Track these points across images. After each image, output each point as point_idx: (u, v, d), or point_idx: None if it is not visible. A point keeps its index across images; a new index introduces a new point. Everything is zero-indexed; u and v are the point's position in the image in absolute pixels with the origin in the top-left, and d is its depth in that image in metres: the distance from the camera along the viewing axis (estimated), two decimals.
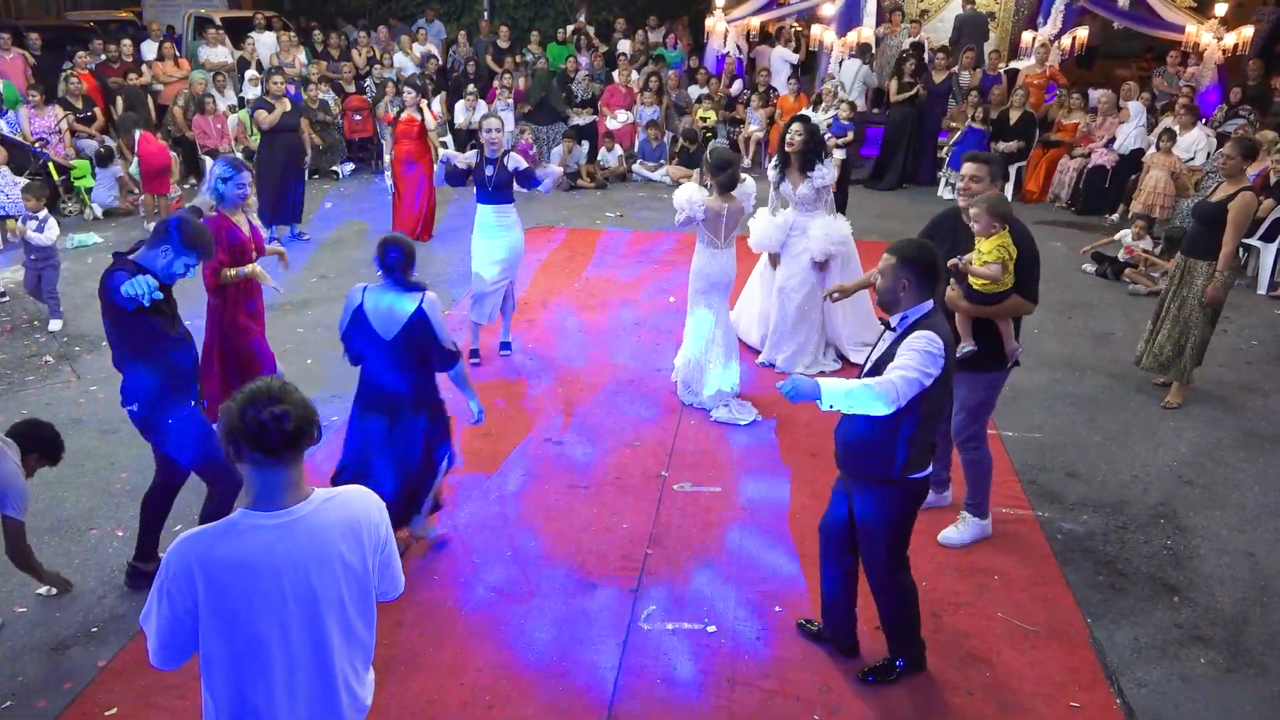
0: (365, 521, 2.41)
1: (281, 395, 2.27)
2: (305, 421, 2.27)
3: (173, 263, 4.24)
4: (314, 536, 2.31)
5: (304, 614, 2.31)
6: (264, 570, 2.27)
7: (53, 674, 4.03)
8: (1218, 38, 12.78)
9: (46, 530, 5.00)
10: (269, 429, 2.21)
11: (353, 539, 2.37)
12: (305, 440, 2.29)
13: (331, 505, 2.37)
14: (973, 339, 4.66)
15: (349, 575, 2.36)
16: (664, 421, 6.27)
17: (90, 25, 15.91)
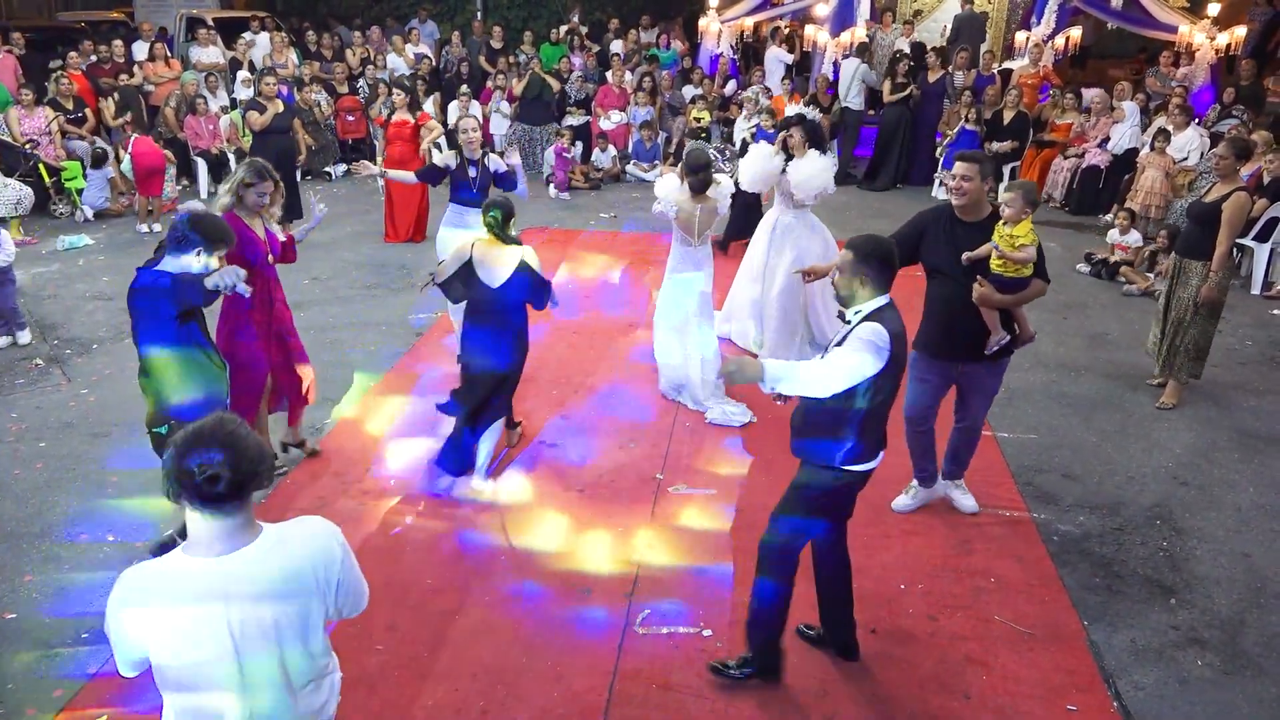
0: (312, 561, 2.32)
1: (227, 442, 2.12)
2: (245, 475, 2.14)
3: (207, 261, 4.16)
4: (251, 581, 2.21)
5: (243, 648, 2.24)
6: (199, 611, 2.19)
7: (42, 681, 3.99)
8: (1210, 37, 12.79)
9: (36, 534, 4.96)
10: (200, 483, 2.10)
11: (295, 580, 2.28)
12: (246, 492, 2.18)
13: (275, 548, 2.26)
14: (1001, 329, 4.78)
15: (288, 614, 2.28)
16: (659, 423, 6.25)
17: (81, 26, 15.83)
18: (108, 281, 8.75)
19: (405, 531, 5.02)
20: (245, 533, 2.23)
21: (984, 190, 4.75)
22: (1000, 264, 4.67)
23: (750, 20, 15.43)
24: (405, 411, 6.36)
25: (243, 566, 2.21)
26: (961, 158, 4.78)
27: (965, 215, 4.77)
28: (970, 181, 4.69)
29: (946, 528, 5.12)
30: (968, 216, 4.77)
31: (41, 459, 5.72)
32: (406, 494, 5.35)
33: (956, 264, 4.74)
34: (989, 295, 4.68)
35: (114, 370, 6.89)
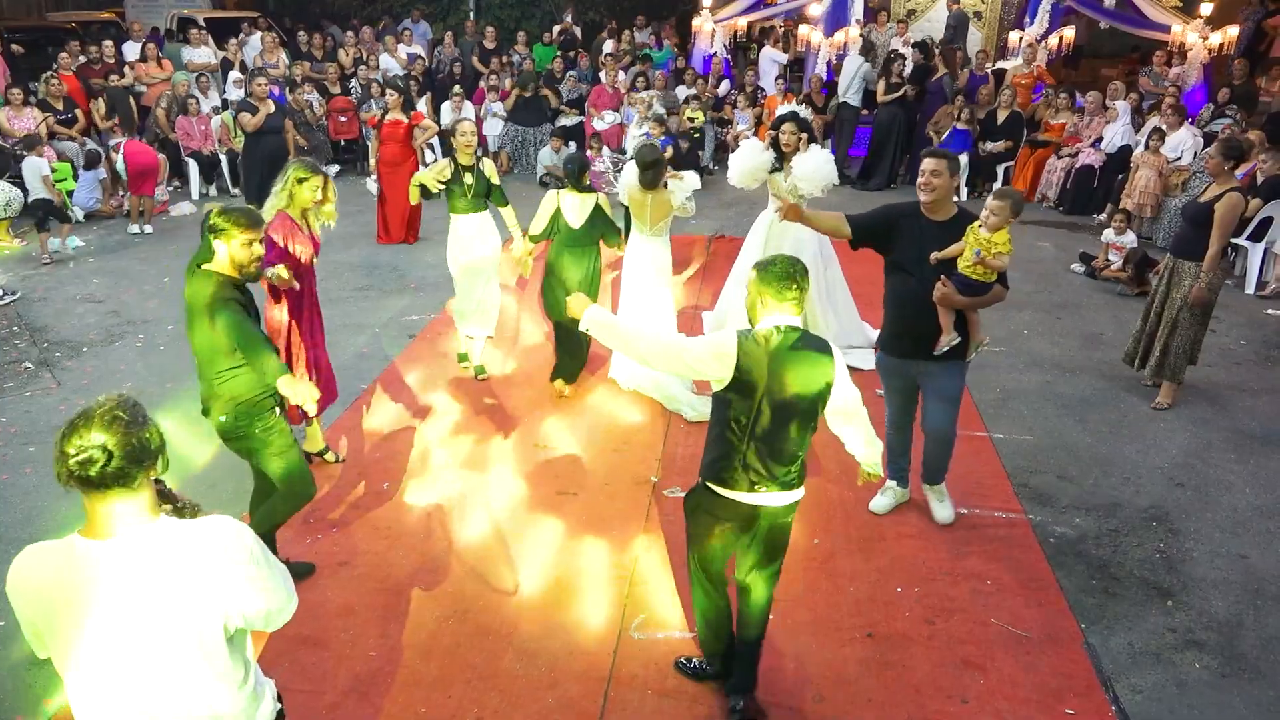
0: (206, 559, 2.16)
1: (105, 427, 2.06)
2: (125, 462, 2.07)
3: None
4: (133, 567, 2.11)
5: (133, 640, 2.14)
6: (85, 594, 2.11)
7: (31, 689, 3.95)
8: (1203, 37, 12.81)
9: (25, 540, 4.87)
10: (74, 467, 2.05)
11: (188, 573, 2.14)
12: (128, 480, 2.09)
13: (166, 539, 2.15)
14: (954, 330, 4.74)
15: (180, 609, 2.14)
16: (653, 425, 6.22)
17: (72, 26, 15.76)
18: (98, 284, 8.70)
19: (397, 536, 4.98)
20: (135, 520, 2.14)
21: (952, 188, 4.74)
22: (970, 267, 4.61)
23: (744, 20, 15.41)
24: (397, 414, 6.32)
25: (126, 552, 2.11)
26: (930, 154, 4.74)
27: (932, 213, 4.71)
28: (939, 178, 4.64)
29: (942, 531, 5.10)
30: (934, 214, 4.72)
31: (30, 463, 5.67)
32: (398, 497, 5.31)
33: (920, 261, 4.69)
34: (950, 295, 4.63)
35: (104, 374, 6.84)
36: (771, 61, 14.49)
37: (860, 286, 8.01)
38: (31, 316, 7.94)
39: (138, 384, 6.71)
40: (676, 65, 14.80)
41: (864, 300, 8.15)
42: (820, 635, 4.31)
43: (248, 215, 3.96)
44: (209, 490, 5.37)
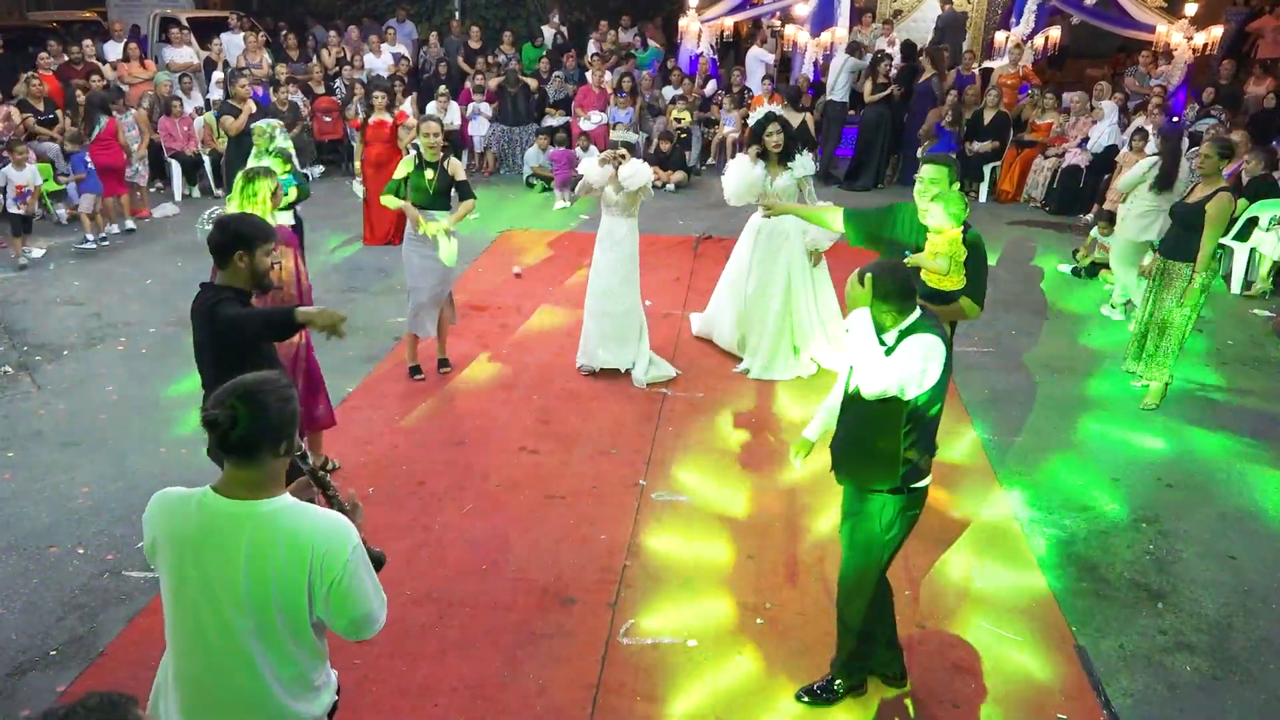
0: (317, 545, 2.25)
1: (248, 399, 2.20)
2: (252, 433, 2.21)
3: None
4: (259, 534, 2.23)
5: (234, 604, 2.25)
6: (206, 548, 2.25)
7: (9, 700, 3.88)
8: (1188, 37, 12.85)
9: (3, 548, 4.84)
10: (212, 427, 2.19)
11: (295, 553, 2.23)
12: (258, 451, 2.23)
13: (290, 516, 2.26)
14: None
15: (281, 585, 2.24)
16: (641, 428, 6.18)
17: (53, 26, 15.60)
18: (79, 286, 8.60)
19: (381, 542, 4.91)
20: (262, 491, 2.26)
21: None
22: (928, 273, 4.57)
23: (730, 20, 15.38)
24: (382, 417, 6.26)
25: (248, 515, 2.24)
26: (929, 160, 4.71)
27: (924, 218, 4.69)
28: (936, 185, 4.58)
29: (933, 534, 5.07)
30: (924, 219, 4.70)
31: (9, 469, 5.59)
32: (382, 503, 5.25)
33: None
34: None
35: (85, 378, 6.75)
36: (758, 61, 14.46)
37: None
38: (10, 319, 7.84)
39: (119, 388, 6.62)
40: (665, 65, 14.75)
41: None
42: (811, 639, 4.27)
43: (263, 223, 3.84)
44: None
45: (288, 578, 2.24)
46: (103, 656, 4.10)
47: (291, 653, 2.33)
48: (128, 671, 4.00)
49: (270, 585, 2.24)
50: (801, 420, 6.24)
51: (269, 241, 3.71)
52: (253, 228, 3.71)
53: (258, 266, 3.67)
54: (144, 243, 10.02)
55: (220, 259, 3.68)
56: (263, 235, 3.70)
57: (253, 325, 3.69)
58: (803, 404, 6.41)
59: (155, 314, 7.95)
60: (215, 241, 3.67)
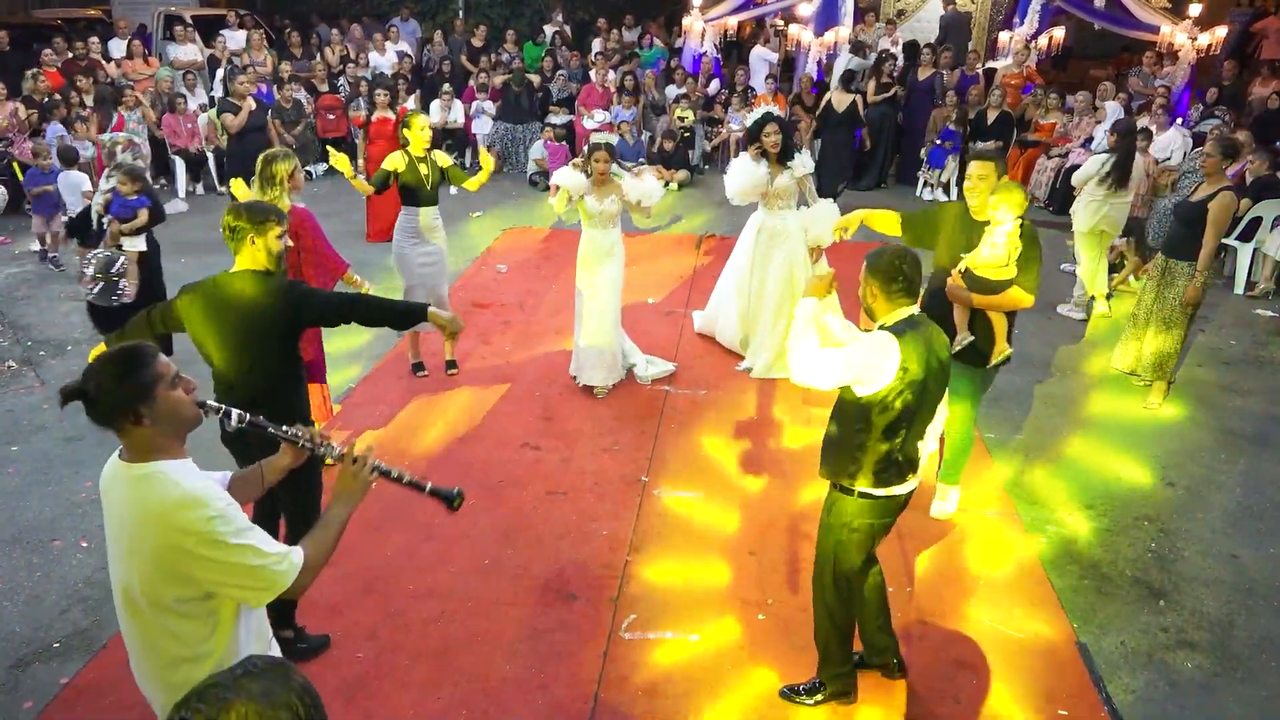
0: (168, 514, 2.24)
1: (93, 369, 2.27)
2: (100, 405, 2.25)
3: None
4: (125, 496, 2.29)
5: (115, 558, 2.35)
6: (108, 502, 2.36)
7: (13, 693, 3.89)
8: (1192, 38, 12.84)
9: (7, 541, 4.86)
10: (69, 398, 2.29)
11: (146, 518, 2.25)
12: (104, 422, 2.27)
13: (150, 482, 2.26)
14: (968, 331, 4.81)
15: (133, 548, 2.28)
16: (643, 425, 6.18)
17: (58, 23, 15.62)
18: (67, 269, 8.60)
19: (383, 537, 4.93)
20: (138, 455, 2.29)
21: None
22: (979, 264, 4.67)
23: (733, 19, 15.38)
24: (384, 412, 6.27)
25: (123, 478, 2.30)
26: (976, 156, 4.89)
27: (979, 214, 4.81)
28: (985, 181, 4.75)
29: (935, 531, 5.08)
30: (981, 215, 4.79)
31: (13, 463, 5.61)
32: (384, 500, 5.26)
33: (953, 259, 4.82)
34: (956, 289, 4.73)
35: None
36: (761, 61, 14.45)
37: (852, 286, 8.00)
38: (15, 314, 7.85)
39: None
40: (668, 65, 14.74)
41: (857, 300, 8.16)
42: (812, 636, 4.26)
43: (272, 208, 3.87)
44: None
45: (138, 540, 2.26)
46: (105, 649, 4.11)
47: (150, 617, 2.33)
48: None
49: (126, 546, 2.29)
50: (802, 419, 6.25)
51: (280, 224, 3.78)
52: (261, 212, 3.77)
53: (270, 249, 3.72)
54: None
55: (235, 245, 3.74)
56: (274, 218, 3.78)
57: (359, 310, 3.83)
58: (804, 403, 6.41)
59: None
60: (229, 228, 3.75)
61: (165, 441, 2.31)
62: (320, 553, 2.45)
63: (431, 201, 6.52)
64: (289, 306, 3.68)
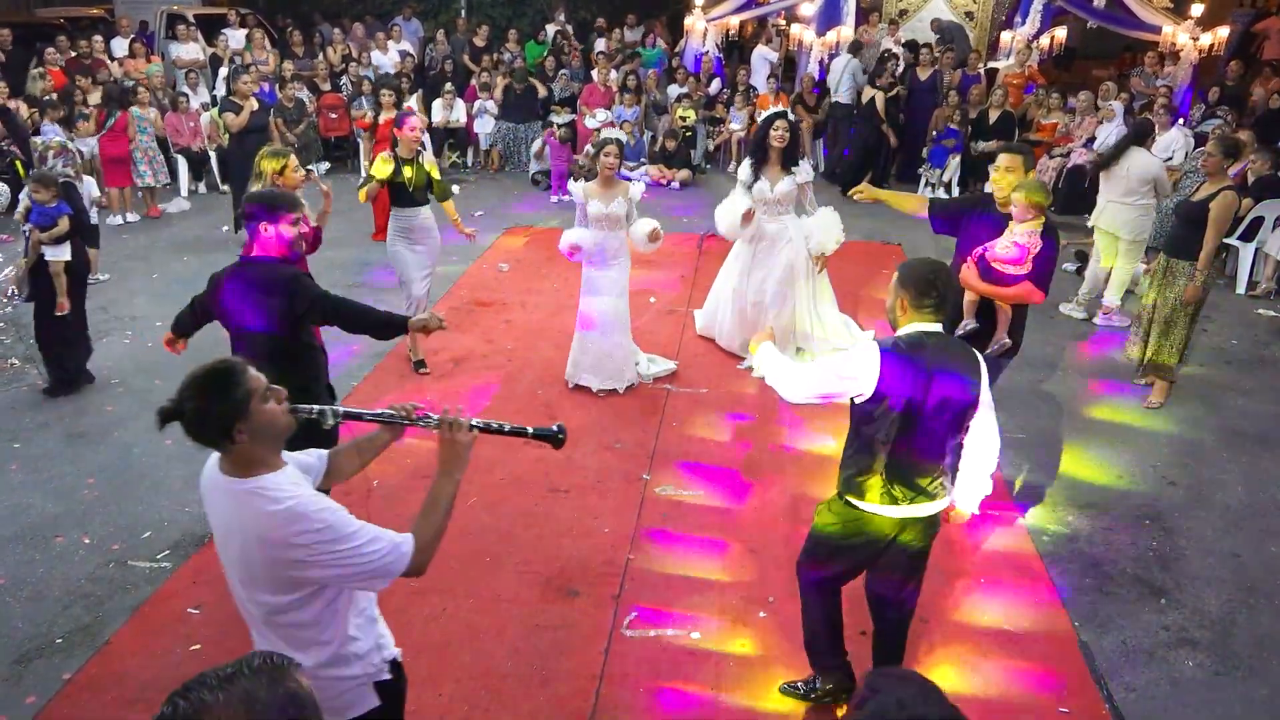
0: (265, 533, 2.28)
1: (187, 389, 2.26)
2: (196, 426, 2.27)
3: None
4: (228, 509, 2.33)
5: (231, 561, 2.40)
6: (210, 509, 2.43)
7: (15, 688, 3.90)
8: (1194, 38, 12.84)
9: (10, 538, 4.86)
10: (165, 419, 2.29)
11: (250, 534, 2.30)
12: (206, 442, 2.30)
13: (253, 501, 2.29)
14: (973, 318, 4.85)
15: (243, 560, 2.34)
16: (645, 423, 6.19)
17: (60, 22, 15.63)
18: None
19: None
20: (238, 470, 2.32)
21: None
22: (992, 254, 4.74)
23: (735, 19, 15.38)
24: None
25: (224, 490, 2.34)
26: (1005, 149, 4.97)
27: (1004, 206, 4.87)
28: (1012, 173, 4.83)
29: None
30: (1005, 208, 4.86)
31: (16, 460, 5.62)
32: (387, 497, 5.27)
33: (970, 246, 4.88)
34: (969, 278, 4.78)
35: (92, 370, 6.76)
36: (763, 60, 14.46)
37: (850, 285, 8.07)
38: (18, 312, 7.85)
39: (125, 380, 6.65)
40: (670, 64, 14.74)
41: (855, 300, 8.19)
42: None
43: (286, 195, 4.07)
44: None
45: (247, 553, 2.32)
46: (108, 645, 4.12)
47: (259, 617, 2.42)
48: (133, 660, 4.03)
49: (237, 556, 2.35)
50: (804, 419, 6.25)
51: (294, 211, 3.94)
52: (276, 200, 3.95)
53: (284, 236, 3.87)
54: (150, 237, 10.05)
55: (251, 232, 3.92)
56: (287, 206, 3.94)
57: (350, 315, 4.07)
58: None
59: (161, 308, 7.96)
60: (246, 214, 3.94)
61: (263, 454, 2.33)
62: (432, 531, 2.45)
63: (421, 202, 6.55)
64: (289, 294, 3.87)
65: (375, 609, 2.66)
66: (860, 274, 8.76)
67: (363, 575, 2.34)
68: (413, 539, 2.39)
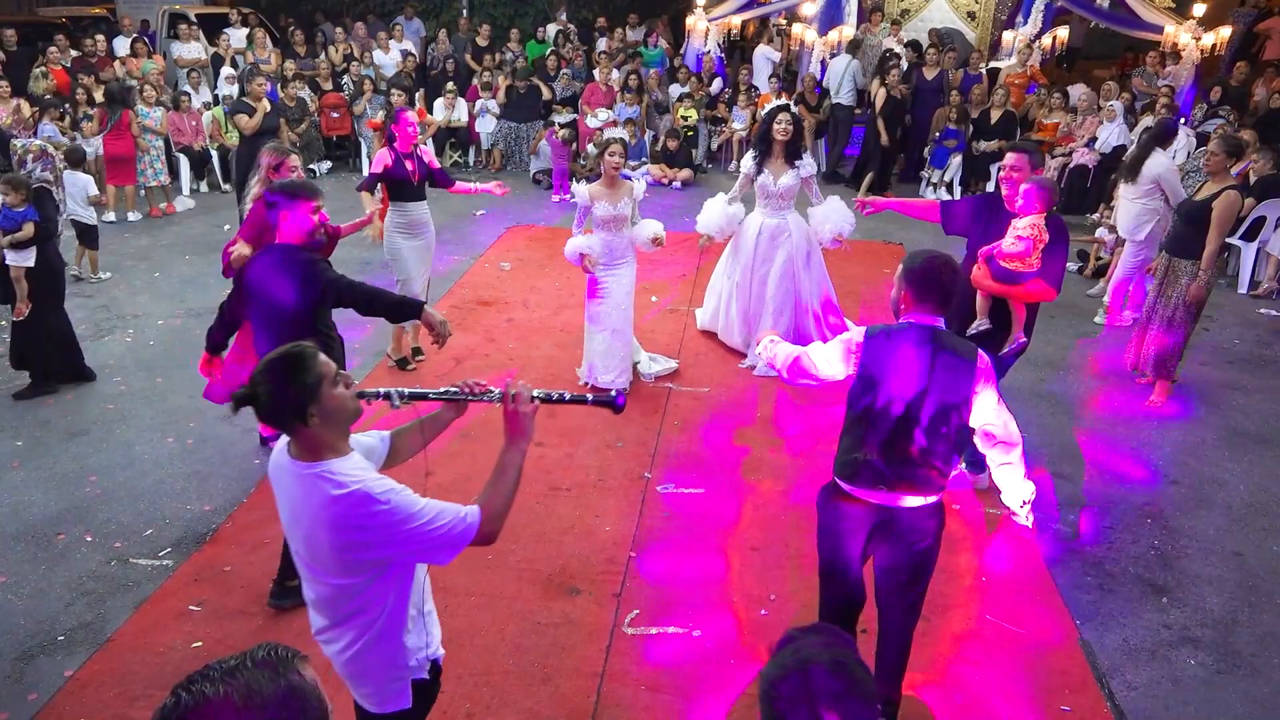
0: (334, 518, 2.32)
1: (260, 374, 2.32)
2: (269, 409, 2.33)
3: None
4: (297, 492, 2.39)
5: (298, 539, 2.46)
6: (278, 491, 2.49)
7: (17, 685, 3.90)
8: (1196, 38, 12.83)
9: (12, 535, 4.87)
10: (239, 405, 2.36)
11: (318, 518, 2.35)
12: (280, 425, 2.36)
13: (319, 484, 2.34)
14: (985, 318, 4.90)
15: (311, 540, 2.40)
16: (647, 421, 6.19)
17: (63, 21, 15.64)
18: (87, 279, 8.61)
19: None
20: (307, 455, 2.38)
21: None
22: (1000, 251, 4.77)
23: (737, 18, 15.38)
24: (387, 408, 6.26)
25: (292, 474, 2.40)
26: (1012, 148, 5.02)
27: (1011, 204, 4.91)
28: (1019, 172, 4.87)
29: None
30: (1013, 205, 4.89)
31: (18, 457, 5.62)
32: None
33: (981, 246, 4.93)
34: (980, 278, 4.85)
35: (94, 368, 6.75)
36: (765, 60, 14.45)
37: (851, 285, 8.07)
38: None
39: (126, 378, 6.65)
40: (672, 64, 14.74)
41: (856, 299, 8.18)
42: None
43: (307, 184, 4.19)
44: (203, 481, 5.33)
45: (312, 537, 2.38)
46: (110, 642, 4.12)
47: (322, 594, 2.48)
48: (135, 657, 4.03)
49: (303, 537, 2.41)
50: (805, 417, 6.25)
51: (314, 200, 4.10)
52: (298, 188, 4.13)
53: (303, 225, 4.07)
54: (152, 236, 10.05)
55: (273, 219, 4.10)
56: (308, 194, 4.11)
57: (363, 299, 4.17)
58: (806, 399, 6.42)
59: (163, 307, 7.98)
60: (268, 202, 4.11)
61: (331, 438, 2.39)
62: (499, 500, 2.53)
63: (421, 197, 6.56)
64: (306, 277, 4.05)
65: (431, 603, 2.74)
66: (861, 273, 8.76)
67: (429, 549, 2.41)
68: (479, 510, 2.46)
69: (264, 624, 4.24)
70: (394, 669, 2.56)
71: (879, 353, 3.27)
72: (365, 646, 2.49)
